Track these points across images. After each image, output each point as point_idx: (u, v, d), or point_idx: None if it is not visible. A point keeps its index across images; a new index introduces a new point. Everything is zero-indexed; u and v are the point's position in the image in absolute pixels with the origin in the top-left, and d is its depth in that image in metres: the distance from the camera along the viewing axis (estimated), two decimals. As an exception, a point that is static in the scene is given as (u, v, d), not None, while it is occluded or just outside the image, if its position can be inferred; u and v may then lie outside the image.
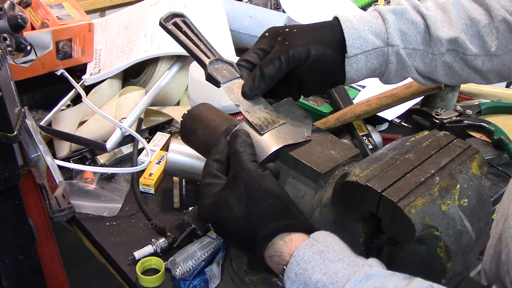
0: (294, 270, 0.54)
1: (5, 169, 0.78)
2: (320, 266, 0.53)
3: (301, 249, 0.54)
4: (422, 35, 0.71)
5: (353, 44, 0.68)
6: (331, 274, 0.52)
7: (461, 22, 0.72)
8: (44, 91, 1.27)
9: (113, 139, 1.09)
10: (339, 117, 1.15)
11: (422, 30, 0.71)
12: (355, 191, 0.58)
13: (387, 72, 0.72)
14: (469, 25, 0.72)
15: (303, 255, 0.54)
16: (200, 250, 0.90)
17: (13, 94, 0.77)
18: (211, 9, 1.35)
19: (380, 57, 0.70)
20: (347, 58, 0.68)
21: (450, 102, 1.27)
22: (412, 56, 0.71)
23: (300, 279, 0.53)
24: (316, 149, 0.71)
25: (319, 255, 0.54)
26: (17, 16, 0.79)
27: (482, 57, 0.72)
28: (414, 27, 0.71)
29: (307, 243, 0.55)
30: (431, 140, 0.67)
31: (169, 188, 1.07)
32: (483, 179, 0.64)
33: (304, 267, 0.53)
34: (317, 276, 0.52)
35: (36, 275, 0.94)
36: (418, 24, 0.71)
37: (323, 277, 0.52)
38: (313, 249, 0.54)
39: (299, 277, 0.53)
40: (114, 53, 1.28)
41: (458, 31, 0.71)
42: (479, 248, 0.63)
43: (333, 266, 0.53)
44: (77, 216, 1.00)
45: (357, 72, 0.70)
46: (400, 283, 0.50)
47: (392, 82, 0.75)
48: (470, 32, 0.72)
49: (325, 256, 0.54)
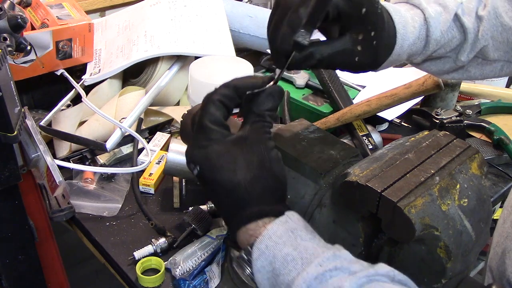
0: (265, 242, 0.54)
1: (5, 169, 0.78)
2: (291, 242, 0.53)
3: (275, 224, 0.55)
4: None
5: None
6: (301, 250, 0.53)
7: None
8: (44, 91, 1.27)
9: (113, 139, 1.09)
10: (339, 117, 1.15)
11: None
12: (355, 191, 0.58)
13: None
14: None
15: (276, 230, 0.54)
16: (200, 250, 0.90)
17: (13, 94, 0.77)
18: (211, 9, 1.35)
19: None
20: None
21: (450, 102, 1.27)
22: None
23: (270, 251, 0.53)
24: (316, 149, 0.71)
25: (291, 232, 0.54)
26: (17, 16, 0.79)
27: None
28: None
29: (281, 219, 0.55)
30: (431, 140, 0.67)
31: (169, 188, 1.07)
32: (483, 179, 0.64)
33: (276, 241, 0.53)
34: (287, 250, 0.53)
35: (36, 275, 0.94)
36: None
37: (293, 251, 0.53)
38: (286, 226, 0.55)
39: (269, 249, 0.53)
40: (114, 53, 1.28)
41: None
42: (479, 248, 0.63)
43: (304, 243, 0.54)
44: (77, 216, 1.00)
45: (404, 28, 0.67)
46: (364, 266, 0.51)
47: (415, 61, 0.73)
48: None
49: (297, 234, 0.54)
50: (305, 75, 1.33)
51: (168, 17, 1.29)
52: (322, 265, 0.51)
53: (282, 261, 0.52)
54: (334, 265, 0.51)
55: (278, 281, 0.53)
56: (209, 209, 0.99)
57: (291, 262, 0.52)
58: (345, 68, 0.66)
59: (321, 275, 0.50)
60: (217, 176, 0.56)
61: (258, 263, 0.54)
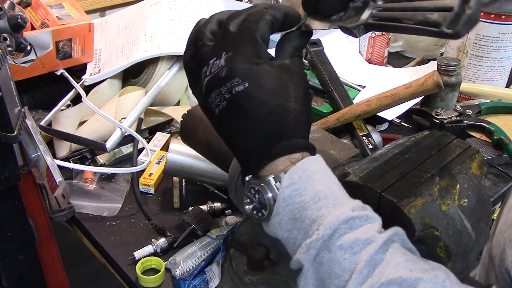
0: (299, 173, 0.51)
1: (5, 169, 0.78)
2: (325, 181, 0.52)
3: (310, 160, 0.53)
4: None
5: None
6: (334, 191, 0.52)
7: None
8: (44, 91, 1.27)
9: (113, 139, 1.09)
10: (339, 117, 1.15)
11: None
12: (355, 191, 0.58)
13: None
14: None
15: (311, 165, 0.52)
16: (200, 250, 0.90)
17: (13, 94, 0.77)
18: (211, 9, 1.35)
19: None
20: None
21: (450, 102, 1.27)
22: None
23: (303, 183, 0.51)
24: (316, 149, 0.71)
25: (324, 172, 0.53)
26: (17, 16, 0.79)
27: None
28: None
29: (315, 158, 0.53)
30: (431, 140, 0.67)
31: (169, 188, 1.07)
32: (483, 179, 0.64)
33: (310, 175, 0.52)
34: (320, 187, 0.51)
35: (36, 275, 0.94)
36: None
37: (326, 190, 0.51)
38: (319, 165, 0.53)
39: (303, 181, 0.51)
40: (114, 53, 1.28)
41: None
42: (479, 248, 0.63)
43: (336, 187, 0.52)
44: (77, 216, 1.00)
45: None
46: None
47: None
48: None
49: (329, 176, 0.53)
50: (305, 75, 1.33)
51: (168, 17, 1.29)
52: (354, 210, 0.50)
53: (313, 195, 0.51)
54: (365, 214, 0.50)
55: (303, 215, 0.51)
56: (209, 209, 0.99)
57: (323, 199, 0.50)
58: None
59: (352, 220, 0.49)
60: (267, 98, 0.52)
61: (287, 192, 0.51)
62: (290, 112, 0.52)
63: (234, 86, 0.52)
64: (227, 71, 0.52)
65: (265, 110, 0.52)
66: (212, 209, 0.99)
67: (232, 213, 1.00)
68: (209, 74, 0.53)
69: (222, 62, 0.53)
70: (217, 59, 0.53)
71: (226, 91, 0.52)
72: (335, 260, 0.48)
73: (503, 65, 1.39)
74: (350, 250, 0.48)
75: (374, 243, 0.48)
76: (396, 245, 0.49)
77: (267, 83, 0.52)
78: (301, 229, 0.51)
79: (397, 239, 0.50)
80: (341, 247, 0.48)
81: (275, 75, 0.52)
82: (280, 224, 0.52)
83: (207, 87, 0.54)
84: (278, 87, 0.52)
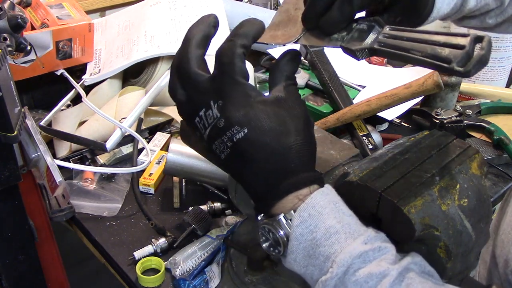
0: (308, 210, 0.51)
1: (5, 169, 0.78)
2: (335, 215, 0.52)
3: (318, 194, 0.52)
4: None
5: None
6: (345, 224, 0.51)
7: None
8: (44, 91, 1.27)
9: (113, 139, 1.09)
10: (339, 117, 1.15)
11: None
12: (355, 191, 0.58)
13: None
14: None
15: (319, 200, 0.52)
16: (200, 250, 0.90)
17: (13, 94, 0.77)
18: (211, 9, 1.35)
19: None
20: None
21: (450, 102, 1.27)
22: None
23: (312, 220, 0.51)
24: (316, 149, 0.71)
25: (334, 204, 0.53)
26: (17, 16, 0.78)
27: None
28: None
29: (323, 190, 0.53)
30: (431, 140, 0.67)
31: (169, 188, 1.07)
32: (483, 179, 0.64)
33: (319, 211, 0.51)
34: (331, 222, 0.51)
35: (36, 275, 0.93)
36: None
37: (337, 224, 0.51)
38: (328, 198, 0.53)
39: (312, 218, 0.51)
40: (114, 53, 1.28)
41: None
42: (479, 248, 0.63)
43: (346, 218, 0.52)
44: (77, 216, 1.00)
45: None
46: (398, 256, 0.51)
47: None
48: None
49: (339, 208, 0.53)
50: (305, 75, 1.33)
51: (168, 17, 1.29)
52: (367, 243, 0.50)
53: (325, 232, 0.51)
54: (378, 245, 0.50)
55: (317, 252, 0.51)
56: (209, 209, 0.99)
57: (334, 235, 0.50)
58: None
59: (365, 254, 0.49)
60: (267, 139, 0.51)
61: (298, 231, 0.51)
62: (291, 149, 0.52)
63: (235, 134, 0.52)
64: (225, 121, 0.52)
65: (267, 151, 0.52)
66: (212, 209, 0.99)
67: (232, 213, 1.00)
68: (208, 126, 0.54)
69: (215, 112, 0.53)
70: (208, 110, 0.53)
71: (227, 140, 0.52)
72: None
73: (503, 65, 1.39)
74: (366, 285, 0.48)
75: (388, 276, 0.48)
76: (412, 274, 0.49)
77: (265, 124, 0.52)
78: (316, 265, 0.51)
79: (414, 267, 0.50)
80: (356, 283, 0.48)
81: (271, 113, 0.52)
82: (296, 261, 0.53)
83: (209, 137, 0.54)
84: (276, 125, 0.52)
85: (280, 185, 0.53)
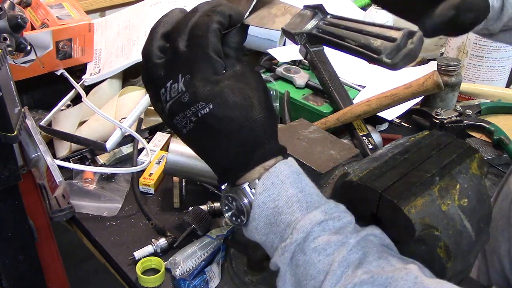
0: (271, 179, 0.53)
1: (5, 169, 0.78)
2: (297, 184, 0.53)
3: (282, 164, 0.54)
4: None
5: None
6: (307, 194, 0.53)
7: None
8: (44, 91, 1.27)
9: (113, 139, 1.09)
10: (339, 117, 1.15)
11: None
12: (355, 191, 0.59)
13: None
14: None
15: (283, 169, 0.53)
16: (200, 250, 0.90)
17: (13, 94, 0.77)
18: (211, 9, 1.35)
19: None
20: None
21: (450, 102, 1.27)
22: None
23: (275, 189, 0.52)
24: (316, 149, 0.71)
25: (297, 175, 0.54)
26: (17, 16, 0.78)
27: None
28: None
29: (287, 161, 0.55)
30: (431, 140, 0.67)
31: (169, 188, 1.07)
32: (483, 179, 0.64)
33: (282, 180, 0.53)
34: (293, 191, 0.52)
35: (36, 275, 0.93)
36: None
37: (299, 193, 0.52)
38: (292, 168, 0.54)
39: (275, 186, 0.52)
40: (114, 53, 1.28)
41: None
42: (479, 248, 0.63)
43: (309, 188, 0.54)
44: (77, 216, 1.00)
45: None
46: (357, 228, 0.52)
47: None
48: None
49: (302, 178, 0.54)
50: (305, 75, 1.33)
51: (168, 17, 1.28)
52: (327, 212, 0.51)
53: (287, 200, 0.52)
54: (338, 215, 0.52)
55: (278, 219, 0.52)
56: (209, 209, 0.99)
57: (296, 203, 0.52)
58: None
59: (325, 222, 0.51)
60: (233, 114, 0.52)
61: (261, 198, 0.52)
62: (257, 122, 0.53)
63: (199, 110, 0.52)
64: (189, 96, 0.52)
65: (234, 126, 0.52)
66: (212, 209, 0.99)
67: (232, 213, 1.00)
68: (170, 99, 0.53)
69: (181, 86, 0.52)
70: (174, 82, 0.53)
71: (191, 115, 0.52)
72: (310, 262, 0.49)
73: (503, 65, 1.39)
74: (324, 252, 0.49)
75: (347, 244, 0.49)
76: (370, 244, 0.51)
77: (229, 100, 0.52)
78: (277, 233, 0.52)
79: (373, 238, 0.52)
80: (315, 250, 0.50)
81: (235, 88, 0.52)
82: (257, 229, 0.54)
83: (170, 111, 0.54)
84: (241, 100, 0.52)
85: (248, 157, 0.54)
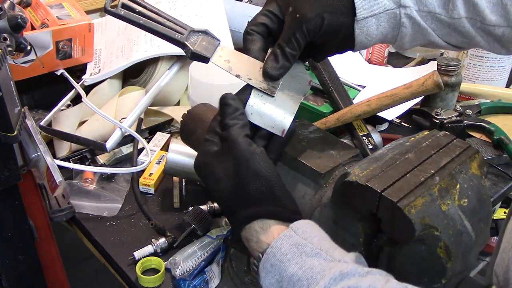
0: (270, 261, 0.54)
1: (5, 169, 0.78)
2: (297, 260, 0.53)
3: (279, 240, 0.55)
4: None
5: (362, 6, 0.64)
6: (307, 269, 0.53)
7: None
8: (44, 91, 1.27)
9: (113, 139, 1.09)
10: (339, 117, 1.15)
11: None
12: (355, 191, 0.58)
13: (400, 36, 0.67)
14: None
15: (280, 246, 0.54)
16: (200, 250, 0.90)
17: (13, 94, 0.77)
18: (211, 9, 1.35)
19: (392, 20, 0.65)
20: (357, 21, 0.64)
21: (450, 102, 1.27)
22: (428, 19, 0.66)
23: (276, 270, 0.54)
24: (316, 149, 0.71)
25: (296, 247, 0.54)
26: (17, 16, 0.78)
27: (503, 28, 0.65)
28: None
29: (285, 233, 0.55)
30: (431, 140, 0.67)
31: (169, 188, 1.07)
32: (483, 179, 0.64)
33: (280, 259, 0.54)
34: (292, 269, 0.53)
35: (36, 275, 0.94)
36: None
37: (298, 271, 0.53)
38: (290, 241, 0.55)
39: (275, 268, 0.54)
40: (114, 53, 1.28)
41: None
42: (479, 248, 0.63)
43: (309, 261, 0.53)
44: (77, 216, 1.00)
45: (367, 37, 0.66)
46: (375, 282, 0.50)
47: (407, 47, 0.70)
48: (492, 0, 0.64)
49: (302, 250, 0.54)
50: (305, 75, 1.33)
51: (168, 17, 1.28)
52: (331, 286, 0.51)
53: (288, 281, 0.53)
54: (340, 287, 0.50)
55: None
56: (209, 209, 0.99)
57: (297, 282, 0.52)
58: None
59: None
60: (208, 185, 0.62)
61: (267, 281, 0.55)
62: (224, 193, 0.61)
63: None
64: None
65: (212, 193, 0.63)
66: (212, 209, 0.99)
67: (232, 213, 1.00)
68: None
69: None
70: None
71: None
72: None
73: (503, 65, 1.39)
74: None
75: None
76: None
77: (202, 173, 0.65)
78: None
79: None
80: None
81: (204, 164, 0.64)
82: None
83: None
84: (208, 174, 0.63)
85: (232, 220, 0.62)
